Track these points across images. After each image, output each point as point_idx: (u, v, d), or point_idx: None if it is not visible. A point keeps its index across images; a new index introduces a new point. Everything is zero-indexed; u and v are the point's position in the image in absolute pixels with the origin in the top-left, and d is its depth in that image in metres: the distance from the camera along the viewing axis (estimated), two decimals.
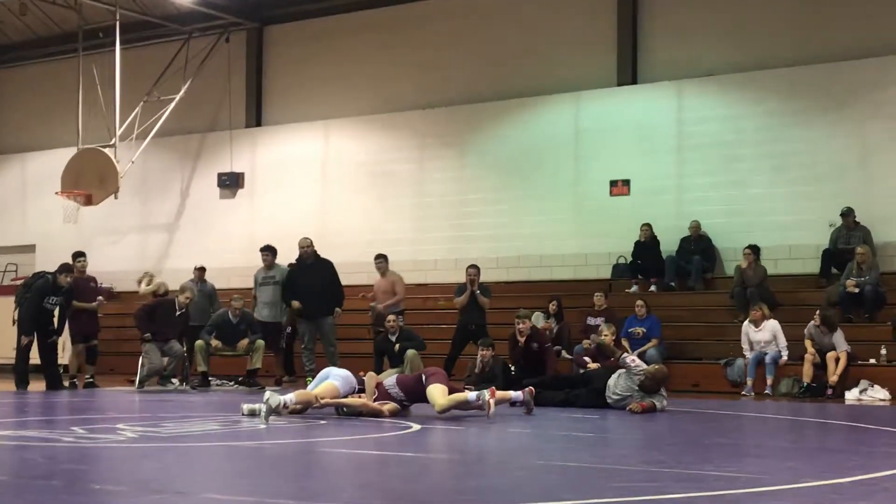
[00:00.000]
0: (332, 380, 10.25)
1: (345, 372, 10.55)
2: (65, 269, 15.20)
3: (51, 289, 14.92)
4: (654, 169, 18.40)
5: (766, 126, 17.72)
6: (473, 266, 16.12)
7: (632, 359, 11.70)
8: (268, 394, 9.58)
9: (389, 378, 10.79)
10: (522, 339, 13.85)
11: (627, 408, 11.08)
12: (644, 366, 11.62)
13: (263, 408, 9.40)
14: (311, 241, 16.26)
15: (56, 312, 15.17)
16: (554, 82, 19.36)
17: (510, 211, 19.50)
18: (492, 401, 9.87)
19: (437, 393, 10.00)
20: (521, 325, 13.90)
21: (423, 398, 10.15)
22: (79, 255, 16.23)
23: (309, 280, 15.94)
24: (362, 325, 17.36)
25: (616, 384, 11.48)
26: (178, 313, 15.56)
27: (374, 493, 5.71)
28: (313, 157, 21.65)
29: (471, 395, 10.13)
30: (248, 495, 5.48)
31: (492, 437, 8.92)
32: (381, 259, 16.78)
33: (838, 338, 14.54)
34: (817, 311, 14.81)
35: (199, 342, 15.65)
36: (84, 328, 15.79)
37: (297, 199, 21.40)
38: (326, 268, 16.18)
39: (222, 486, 6.00)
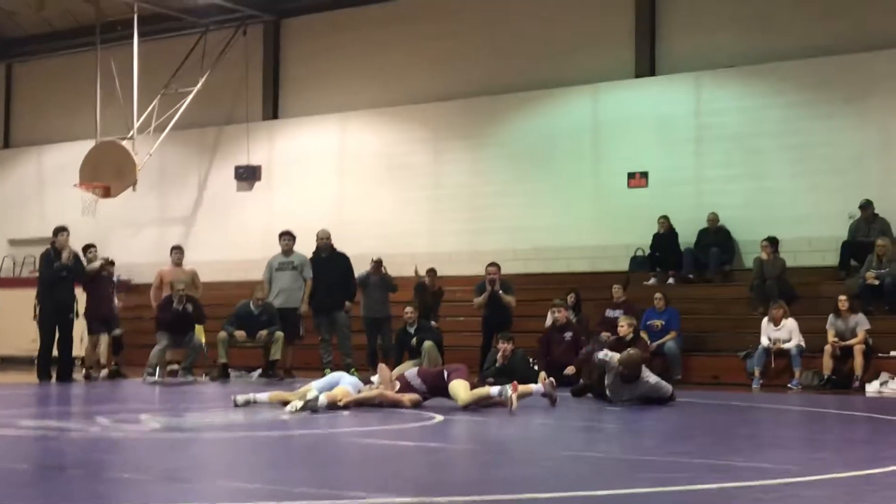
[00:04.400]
0: (343, 386, 10.19)
1: (354, 379, 10.53)
2: (57, 230, 15.16)
3: (53, 254, 14.94)
4: (673, 161, 18.35)
5: (786, 118, 17.65)
6: (493, 264, 15.66)
7: (604, 353, 11.18)
8: (314, 392, 9.62)
9: (410, 370, 10.79)
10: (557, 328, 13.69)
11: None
12: (615, 356, 11.03)
13: (302, 404, 9.44)
14: (329, 234, 16.26)
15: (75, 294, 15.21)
16: (572, 74, 19.30)
17: (527, 203, 19.46)
18: (514, 395, 9.82)
19: (460, 388, 9.99)
20: (557, 314, 13.81)
21: (445, 393, 10.14)
22: (89, 247, 16.24)
23: (324, 272, 15.95)
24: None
25: (609, 382, 11.17)
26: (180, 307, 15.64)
27: (401, 483, 5.70)
28: (330, 149, 21.65)
29: (493, 390, 10.09)
30: (274, 485, 5.48)
31: (516, 428, 8.91)
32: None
33: (861, 318, 14.50)
34: (839, 298, 14.72)
35: (221, 334, 15.67)
36: (102, 315, 15.80)
37: (314, 192, 21.39)
38: (342, 261, 16.19)
39: (248, 476, 6.00)
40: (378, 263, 16.52)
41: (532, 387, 10.72)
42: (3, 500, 4.83)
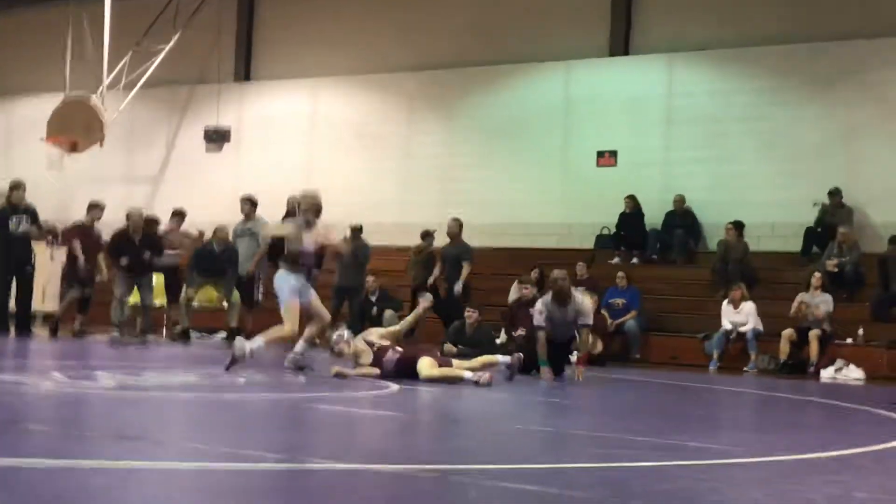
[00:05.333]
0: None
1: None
2: (14, 186, 15.03)
3: (9, 209, 14.82)
4: (642, 141, 18.43)
5: (755, 103, 17.75)
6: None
7: (538, 313, 11.20)
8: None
9: (393, 352, 10.22)
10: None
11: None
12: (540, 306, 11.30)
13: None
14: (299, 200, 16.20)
15: (32, 248, 15.07)
16: (546, 50, 19.31)
17: (497, 177, 19.49)
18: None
19: (426, 364, 9.81)
20: (525, 291, 13.82)
21: (413, 375, 9.95)
22: (95, 205, 16.00)
23: None
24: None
25: (544, 320, 11.29)
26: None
27: (351, 449, 5.74)
28: (301, 114, 21.58)
29: (466, 373, 9.87)
30: (226, 446, 5.50)
31: (470, 400, 8.96)
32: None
33: (827, 298, 14.70)
34: (814, 275, 14.88)
35: (182, 296, 15.59)
36: (80, 274, 15.61)
37: (284, 157, 21.33)
38: None
39: (200, 437, 6.02)
40: (357, 231, 16.50)
41: (499, 357, 10.75)
42: None
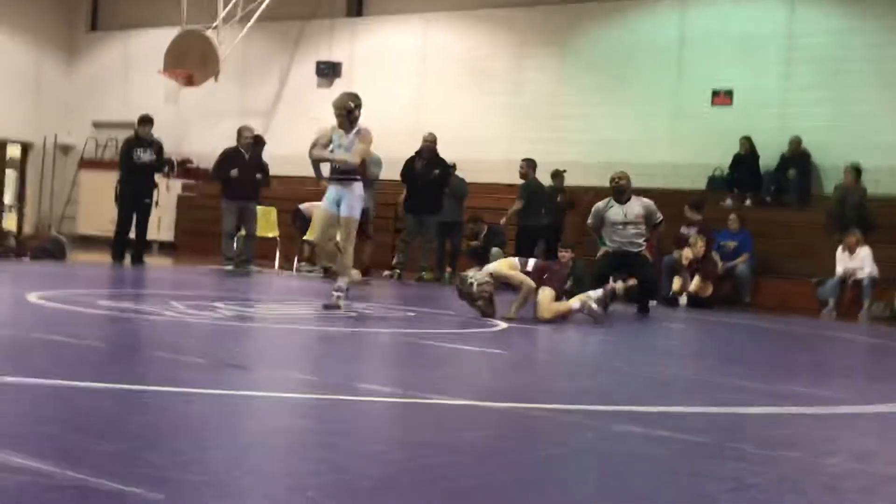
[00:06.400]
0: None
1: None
2: (143, 120, 15.44)
3: (135, 140, 15.24)
4: (759, 81, 17.99)
5: (878, 42, 17.16)
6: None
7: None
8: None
9: (532, 260, 10.16)
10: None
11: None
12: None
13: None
14: (436, 138, 16.42)
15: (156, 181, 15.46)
16: None
17: (606, 115, 19.26)
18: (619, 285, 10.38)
19: (547, 299, 9.60)
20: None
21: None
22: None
23: (423, 173, 16.15)
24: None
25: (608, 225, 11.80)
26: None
27: (462, 386, 5.82)
28: (412, 50, 21.56)
29: (574, 304, 9.87)
30: (339, 378, 5.63)
31: (577, 342, 8.99)
32: None
33: None
34: None
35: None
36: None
37: (394, 93, 21.36)
38: (442, 167, 16.35)
39: (308, 369, 6.16)
40: (452, 167, 16.70)
41: (573, 304, 10.04)
42: (79, 375, 5.04)
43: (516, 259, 10.12)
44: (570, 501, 3.33)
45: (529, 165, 16.46)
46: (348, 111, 9.43)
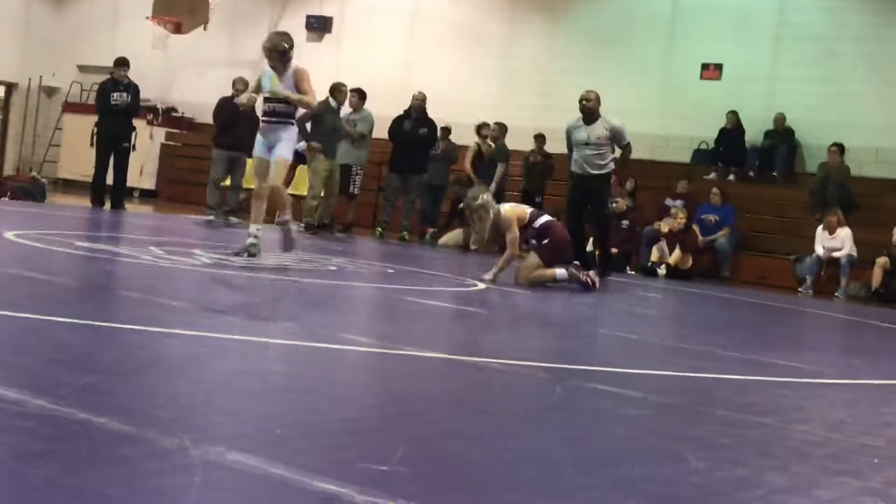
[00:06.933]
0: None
1: None
2: (119, 62, 15.31)
3: (111, 83, 15.13)
4: (749, 56, 17.96)
5: (869, 23, 17.16)
6: None
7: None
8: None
9: (544, 217, 9.80)
10: None
11: None
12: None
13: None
14: (425, 97, 16.40)
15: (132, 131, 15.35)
16: None
17: (596, 83, 18.91)
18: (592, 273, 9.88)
19: (533, 264, 9.53)
20: (615, 203, 13.88)
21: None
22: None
23: (411, 132, 16.09)
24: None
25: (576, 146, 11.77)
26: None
27: (437, 341, 5.82)
28: (403, 9, 21.41)
29: (558, 272, 9.77)
30: (315, 327, 5.62)
31: (555, 304, 9.00)
32: None
33: None
34: None
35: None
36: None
37: (384, 51, 21.24)
38: (430, 126, 16.30)
39: (286, 317, 6.15)
40: (446, 131, 16.75)
41: (556, 271, 9.96)
42: (53, 310, 5.02)
43: (529, 211, 9.79)
44: (535, 452, 3.34)
45: (501, 130, 16.62)
46: (281, 52, 9.14)
